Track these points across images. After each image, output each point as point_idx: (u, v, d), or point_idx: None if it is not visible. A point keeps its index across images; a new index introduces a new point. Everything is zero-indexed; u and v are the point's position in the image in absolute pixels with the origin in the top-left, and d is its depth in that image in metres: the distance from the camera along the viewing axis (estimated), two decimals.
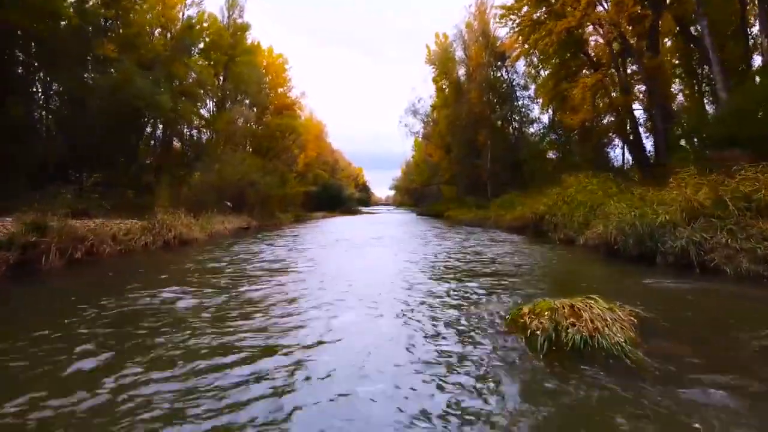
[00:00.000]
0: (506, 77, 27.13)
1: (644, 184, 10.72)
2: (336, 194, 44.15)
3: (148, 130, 20.70)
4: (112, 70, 15.16)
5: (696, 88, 17.12)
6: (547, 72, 22.30)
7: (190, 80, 21.06)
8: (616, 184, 10.90)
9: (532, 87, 25.59)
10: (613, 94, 17.41)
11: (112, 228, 8.16)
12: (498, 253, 8.67)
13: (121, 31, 17.58)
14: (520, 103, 26.53)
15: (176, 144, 23.52)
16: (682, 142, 16.56)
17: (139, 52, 17.65)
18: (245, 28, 26.25)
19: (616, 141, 20.18)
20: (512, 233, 13.84)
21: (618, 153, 20.22)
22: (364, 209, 60.66)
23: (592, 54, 18.65)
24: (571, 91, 15.31)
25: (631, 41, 14.87)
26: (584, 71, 18.46)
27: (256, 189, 19.02)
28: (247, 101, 26.82)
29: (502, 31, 25.20)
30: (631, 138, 18.04)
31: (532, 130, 26.01)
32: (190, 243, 10.21)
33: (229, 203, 17.31)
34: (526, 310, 3.55)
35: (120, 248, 7.92)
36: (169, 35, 20.84)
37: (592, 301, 3.81)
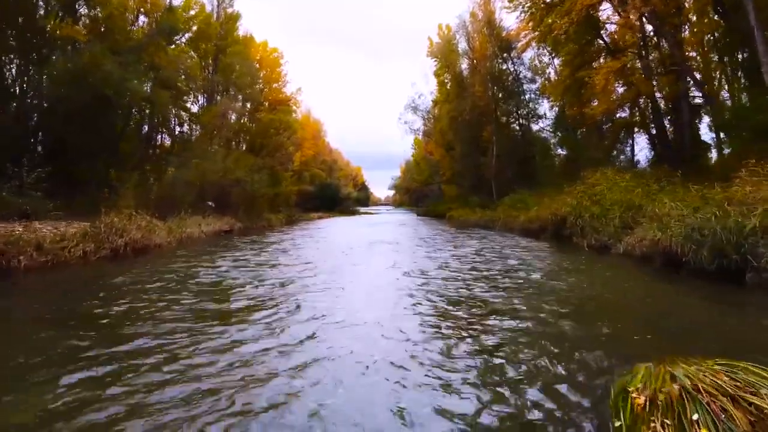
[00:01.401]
0: (512, 70, 25.52)
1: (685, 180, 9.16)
2: (333, 194, 42.63)
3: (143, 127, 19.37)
4: (75, 53, 13.49)
5: (718, 78, 15.43)
6: (559, 61, 20.78)
7: (181, 74, 19.50)
8: (656, 181, 9.26)
9: (539, 80, 24.10)
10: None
11: (38, 233, 6.50)
12: (529, 268, 6.79)
13: (99, 12, 16.02)
14: (526, 97, 24.94)
15: (167, 141, 22.16)
16: (711, 134, 15.09)
17: (114, 36, 16.06)
18: (236, 17, 24.79)
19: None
20: (528, 237, 12.21)
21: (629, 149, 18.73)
22: (363, 209, 58.94)
23: (608, 40, 17.08)
24: (593, 78, 13.69)
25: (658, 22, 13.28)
26: (601, 59, 16.90)
27: (243, 187, 17.32)
28: (240, 96, 25.19)
29: (508, 20, 23.78)
30: (654, 131, 16.50)
31: (539, 125, 24.48)
32: (150, 250, 8.48)
33: (211, 203, 15.64)
34: (640, 398, 1.91)
35: (47, 259, 6.24)
36: (155, 24, 19.28)
37: (740, 371, 2.22)
